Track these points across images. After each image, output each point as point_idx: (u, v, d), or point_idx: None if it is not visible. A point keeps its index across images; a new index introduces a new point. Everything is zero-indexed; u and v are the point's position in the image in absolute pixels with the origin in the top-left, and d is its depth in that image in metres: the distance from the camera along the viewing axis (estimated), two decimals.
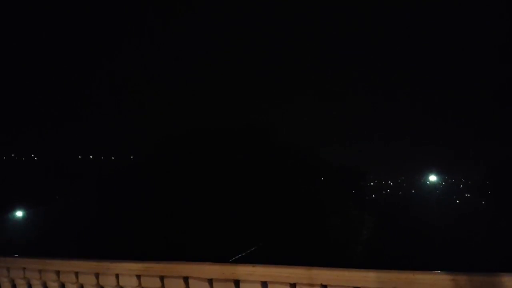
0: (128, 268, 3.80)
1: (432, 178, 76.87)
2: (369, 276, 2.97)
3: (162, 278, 3.67)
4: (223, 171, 35.78)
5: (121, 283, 3.84)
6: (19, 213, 38.80)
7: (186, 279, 3.58)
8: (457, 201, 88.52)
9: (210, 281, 3.48)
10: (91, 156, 75.77)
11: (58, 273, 4.10)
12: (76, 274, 4.02)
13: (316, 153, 47.32)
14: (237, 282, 3.38)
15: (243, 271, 3.35)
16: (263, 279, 3.27)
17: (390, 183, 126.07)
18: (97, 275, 3.93)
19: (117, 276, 3.85)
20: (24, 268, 4.27)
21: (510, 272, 2.74)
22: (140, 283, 3.76)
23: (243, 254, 29.07)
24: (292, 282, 3.17)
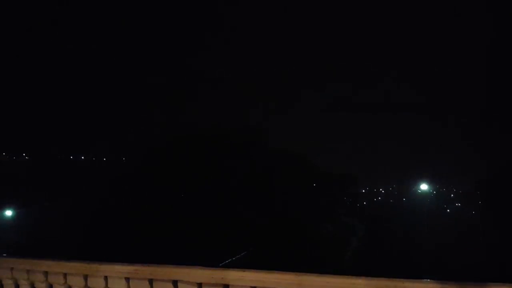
0: (117, 271, 3.78)
1: (423, 186, 77.18)
2: (358, 283, 2.97)
3: (151, 281, 3.65)
4: (215, 176, 35.73)
5: (109, 286, 3.81)
6: (8, 213, 38.48)
7: (175, 283, 3.57)
8: (448, 210, 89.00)
9: (200, 285, 3.46)
10: (82, 157, 75.50)
11: (46, 274, 4.07)
12: (65, 275, 3.99)
13: (308, 159, 47.42)
14: (226, 287, 3.38)
15: (233, 275, 3.34)
16: (253, 284, 3.27)
17: (381, 190, 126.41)
18: (85, 277, 3.90)
19: (105, 278, 3.82)
20: (12, 268, 4.23)
21: (498, 282, 2.76)
22: (129, 286, 3.73)
23: (233, 258, 29.00)
24: (281, 287, 3.17)
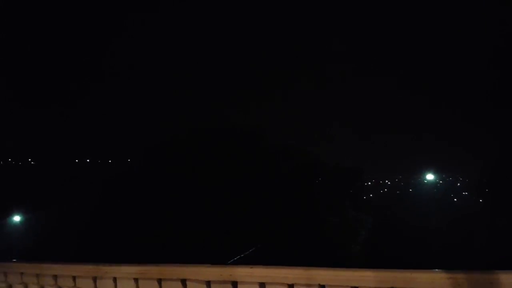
0: (126, 272, 3.79)
1: (429, 176, 76.80)
2: (367, 276, 2.97)
3: (159, 281, 3.66)
4: (219, 173, 35.75)
5: (118, 287, 3.83)
6: (16, 218, 38.67)
7: (184, 282, 3.57)
8: (455, 200, 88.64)
9: (208, 283, 3.47)
10: (88, 160, 75.61)
11: (55, 277, 4.09)
12: (74, 278, 4.01)
13: (312, 153, 47.33)
14: (235, 284, 3.37)
15: (241, 272, 3.34)
16: (261, 280, 3.27)
17: (387, 182, 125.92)
18: (94, 279, 3.92)
19: (114, 279, 3.84)
20: (21, 273, 4.25)
21: (507, 270, 2.75)
22: (138, 287, 3.75)
23: (241, 255, 29.00)
24: (290, 282, 3.16)
